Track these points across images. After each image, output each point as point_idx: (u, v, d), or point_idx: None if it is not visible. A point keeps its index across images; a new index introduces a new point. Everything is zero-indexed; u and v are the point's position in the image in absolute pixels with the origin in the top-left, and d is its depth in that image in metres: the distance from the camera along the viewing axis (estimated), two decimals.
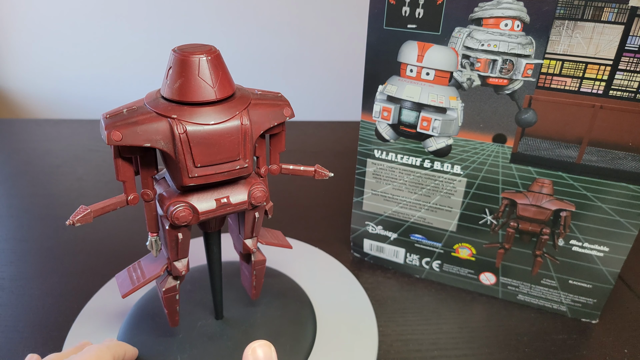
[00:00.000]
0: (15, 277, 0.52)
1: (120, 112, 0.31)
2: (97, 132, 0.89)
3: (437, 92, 0.43)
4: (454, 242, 0.50)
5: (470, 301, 0.51)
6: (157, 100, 0.31)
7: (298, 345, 0.42)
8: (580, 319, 0.48)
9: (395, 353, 0.44)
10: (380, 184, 0.50)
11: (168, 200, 0.33)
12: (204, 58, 0.30)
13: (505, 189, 0.45)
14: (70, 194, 0.68)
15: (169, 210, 0.32)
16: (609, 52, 0.36)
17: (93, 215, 0.32)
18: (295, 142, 0.87)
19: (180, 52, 0.30)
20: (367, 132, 0.48)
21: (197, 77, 0.30)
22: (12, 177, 0.72)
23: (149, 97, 0.32)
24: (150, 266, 0.37)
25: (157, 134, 0.30)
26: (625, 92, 0.37)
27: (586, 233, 0.44)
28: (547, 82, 0.39)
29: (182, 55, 0.30)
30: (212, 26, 1.02)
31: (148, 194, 0.34)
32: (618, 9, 0.35)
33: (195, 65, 0.30)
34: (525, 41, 0.38)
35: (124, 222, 0.62)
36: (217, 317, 0.44)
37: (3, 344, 0.44)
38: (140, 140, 0.30)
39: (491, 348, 0.45)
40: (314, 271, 0.52)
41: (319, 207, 0.67)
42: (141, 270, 0.37)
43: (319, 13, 1.02)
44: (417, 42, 0.42)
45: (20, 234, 0.59)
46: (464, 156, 0.45)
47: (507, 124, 0.42)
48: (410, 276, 0.54)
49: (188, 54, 0.30)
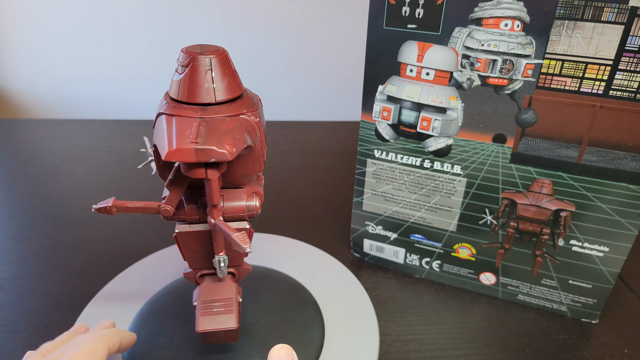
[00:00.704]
0: (15, 277, 0.52)
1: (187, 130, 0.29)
2: (97, 132, 0.89)
3: (437, 92, 0.43)
4: (454, 242, 0.50)
5: (470, 301, 0.51)
6: (167, 103, 0.32)
7: (307, 347, 0.42)
8: (580, 319, 0.48)
9: (395, 353, 0.44)
10: (380, 184, 0.50)
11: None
12: (213, 59, 0.30)
13: (505, 189, 0.45)
14: (70, 194, 0.68)
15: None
16: (609, 52, 0.36)
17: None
18: (295, 142, 0.87)
19: (188, 52, 0.30)
20: (367, 132, 0.48)
21: (204, 78, 0.30)
22: (12, 177, 0.72)
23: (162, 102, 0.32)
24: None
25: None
26: (625, 92, 0.37)
27: (586, 233, 0.44)
28: (547, 82, 0.39)
29: (190, 55, 0.30)
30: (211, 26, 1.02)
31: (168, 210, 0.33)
32: (618, 9, 0.35)
33: (203, 65, 0.30)
34: (525, 41, 0.38)
35: (124, 222, 0.62)
36: None
37: (3, 344, 0.44)
38: None
39: (491, 348, 0.45)
40: (314, 271, 0.52)
41: (319, 207, 0.67)
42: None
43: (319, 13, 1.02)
44: (417, 42, 0.42)
45: (20, 234, 0.59)
46: (464, 156, 0.45)
47: (507, 124, 0.42)
48: (410, 276, 0.54)
49: (196, 54, 0.30)
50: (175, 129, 0.29)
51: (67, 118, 1.06)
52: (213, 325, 0.34)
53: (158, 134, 0.30)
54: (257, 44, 1.04)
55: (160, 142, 0.29)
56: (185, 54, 0.30)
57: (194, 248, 0.35)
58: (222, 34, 1.03)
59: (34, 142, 0.84)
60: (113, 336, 0.34)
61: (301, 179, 0.73)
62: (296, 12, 1.02)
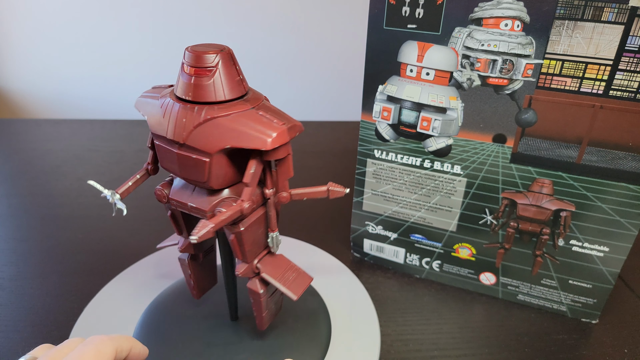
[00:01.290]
0: (15, 277, 0.52)
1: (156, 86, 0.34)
2: (97, 132, 0.89)
3: (437, 92, 0.43)
4: (454, 242, 0.50)
5: (470, 301, 0.51)
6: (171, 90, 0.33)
7: (313, 348, 0.42)
8: (580, 319, 0.48)
9: (395, 353, 0.44)
10: (380, 184, 0.50)
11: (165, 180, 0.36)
12: (219, 57, 0.30)
13: (505, 189, 0.45)
14: (70, 193, 0.68)
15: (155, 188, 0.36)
16: (609, 52, 0.36)
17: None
18: (295, 142, 0.87)
19: (188, 49, 0.30)
20: (367, 132, 0.48)
21: (213, 76, 0.30)
22: (12, 177, 0.72)
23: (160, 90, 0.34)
24: (174, 236, 0.42)
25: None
26: (625, 92, 0.37)
27: (586, 233, 0.44)
28: (547, 82, 0.39)
29: (194, 53, 0.30)
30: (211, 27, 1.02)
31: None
32: (618, 9, 0.35)
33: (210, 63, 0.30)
34: (525, 41, 0.38)
35: (124, 222, 0.62)
36: (231, 318, 0.44)
37: (3, 344, 0.44)
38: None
39: (491, 348, 0.45)
40: (315, 271, 0.52)
41: (319, 207, 0.67)
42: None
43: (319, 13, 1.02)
44: (417, 42, 0.42)
45: (20, 234, 0.59)
46: (464, 156, 0.45)
47: (507, 124, 0.42)
48: (410, 276, 0.54)
49: (201, 53, 0.30)
50: (256, 122, 0.30)
51: (67, 118, 1.06)
52: (301, 288, 0.38)
53: (234, 134, 0.30)
54: (257, 44, 1.04)
55: (249, 137, 0.30)
56: (191, 53, 0.30)
57: (253, 238, 0.36)
58: (222, 35, 1.03)
59: (34, 142, 0.84)
60: (124, 341, 0.33)
61: (301, 179, 0.73)
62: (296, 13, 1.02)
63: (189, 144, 0.31)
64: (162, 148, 0.33)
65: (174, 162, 0.32)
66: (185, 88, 0.31)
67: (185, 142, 0.31)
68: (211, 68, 0.30)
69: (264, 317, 0.39)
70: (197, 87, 0.30)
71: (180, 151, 0.31)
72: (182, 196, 0.34)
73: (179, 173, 0.33)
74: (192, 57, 0.30)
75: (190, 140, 0.31)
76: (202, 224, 0.30)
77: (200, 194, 0.34)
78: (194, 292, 0.42)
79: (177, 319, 0.44)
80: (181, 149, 0.31)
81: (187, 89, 0.31)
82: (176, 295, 0.47)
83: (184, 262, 0.41)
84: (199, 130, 0.30)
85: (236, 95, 0.31)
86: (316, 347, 0.42)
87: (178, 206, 0.35)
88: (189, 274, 0.41)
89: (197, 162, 0.31)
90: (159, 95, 0.33)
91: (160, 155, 0.34)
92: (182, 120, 0.31)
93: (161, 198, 0.35)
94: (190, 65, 0.30)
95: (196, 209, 0.34)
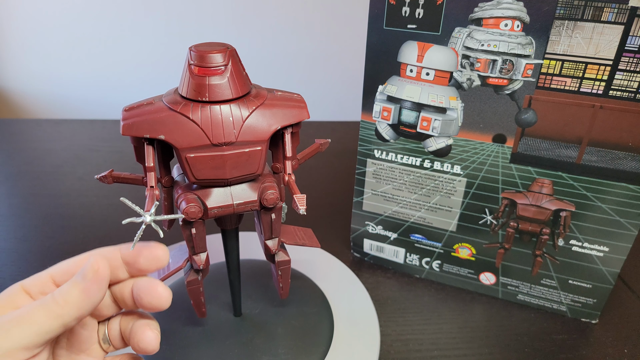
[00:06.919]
0: (15, 277, 0.52)
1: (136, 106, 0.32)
2: (97, 132, 0.89)
3: (437, 92, 0.43)
4: (454, 242, 0.50)
5: (470, 301, 0.51)
6: (174, 97, 0.32)
7: (315, 346, 0.42)
8: (580, 319, 0.48)
9: (395, 353, 0.44)
10: (380, 184, 0.50)
11: (180, 192, 0.34)
12: (224, 55, 0.30)
13: (505, 189, 0.45)
14: (71, 193, 0.68)
15: (180, 205, 0.33)
16: (609, 52, 0.37)
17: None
18: None
19: (196, 50, 0.30)
20: (367, 132, 0.48)
21: (219, 75, 0.30)
22: (12, 177, 0.73)
23: (168, 94, 0.33)
24: (175, 259, 0.39)
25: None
26: (625, 92, 0.37)
27: (586, 233, 0.44)
28: (547, 82, 0.39)
29: (198, 52, 0.30)
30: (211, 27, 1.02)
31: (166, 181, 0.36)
32: (618, 9, 0.35)
33: (215, 62, 0.30)
34: (525, 41, 0.38)
35: None
36: (235, 314, 0.44)
37: None
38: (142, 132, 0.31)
39: (491, 348, 0.45)
40: (315, 271, 0.52)
41: (319, 207, 0.67)
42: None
43: (318, 13, 1.02)
44: (417, 42, 0.42)
45: (21, 233, 0.59)
46: (464, 156, 0.45)
47: (507, 124, 0.42)
48: (410, 276, 0.54)
49: (204, 52, 0.30)
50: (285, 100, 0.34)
51: (67, 118, 1.06)
52: (314, 239, 0.44)
53: (279, 116, 0.33)
54: (257, 44, 1.05)
55: (292, 113, 0.33)
56: (201, 54, 0.30)
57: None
58: (222, 35, 1.03)
59: (35, 142, 0.84)
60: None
61: (301, 179, 0.73)
62: (296, 13, 1.02)
63: (241, 140, 0.31)
64: (200, 158, 0.31)
65: (222, 166, 0.32)
66: (199, 90, 0.30)
67: (237, 139, 0.31)
68: (223, 67, 0.30)
69: (289, 283, 0.41)
70: (213, 87, 0.30)
71: (230, 150, 0.31)
72: (221, 200, 0.33)
73: (227, 174, 0.32)
74: (204, 58, 0.30)
75: (241, 136, 0.31)
76: (299, 198, 0.32)
77: (237, 190, 0.34)
78: (204, 310, 0.40)
79: (179, 316, 0.44)
80: (230, 148, 0.31)
81: (202, 90, 0.30)
82: (177, 293, 0.47)
83: (196, 281, 0.37)
84: (247, 123, 0.31)
85: (248, 89, 0.32)
86: (317, 346, 0.42)
87: (219, 212, 0.33)
88: (200, 291, 0.38)
89: (251, 154, 0.32)
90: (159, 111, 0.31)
91: (197, 167, 0.31)
92: (228, 120, 0.31)
93: (197, 214, 0.33)
94: (201, 66, 0.30)
95: (244, 204, 0.34)
